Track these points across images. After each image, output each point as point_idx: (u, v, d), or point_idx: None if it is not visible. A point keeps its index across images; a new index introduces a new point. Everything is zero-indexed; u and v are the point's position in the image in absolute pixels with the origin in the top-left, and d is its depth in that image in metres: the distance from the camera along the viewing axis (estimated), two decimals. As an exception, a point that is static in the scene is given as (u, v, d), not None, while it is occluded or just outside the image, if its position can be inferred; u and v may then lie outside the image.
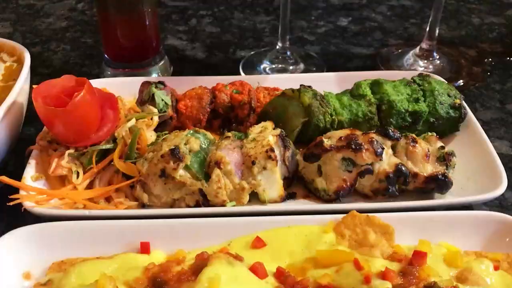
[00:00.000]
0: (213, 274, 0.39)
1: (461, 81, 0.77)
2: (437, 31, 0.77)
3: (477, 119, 0.68)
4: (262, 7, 0.98)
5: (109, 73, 0.74)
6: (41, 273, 0.46)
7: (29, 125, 0.63)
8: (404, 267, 0.43)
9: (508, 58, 0.82)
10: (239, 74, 0.80)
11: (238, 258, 0.45)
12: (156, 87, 0.61)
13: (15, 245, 0.46)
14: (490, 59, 0.83)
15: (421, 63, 0.79)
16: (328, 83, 0.67)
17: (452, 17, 0.95)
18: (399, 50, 0.83)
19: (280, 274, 0.43)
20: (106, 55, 0.74)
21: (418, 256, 0.43)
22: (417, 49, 0.80)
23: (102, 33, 0.75)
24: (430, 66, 0.79)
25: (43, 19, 0.96)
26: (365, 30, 0.92)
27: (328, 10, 0.98)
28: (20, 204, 0.51)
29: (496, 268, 0.45)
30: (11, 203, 0.50)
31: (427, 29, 0.77)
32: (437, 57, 0.79)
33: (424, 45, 0.79)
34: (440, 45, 0.84)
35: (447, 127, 0.60)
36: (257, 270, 0.42)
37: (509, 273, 0.45)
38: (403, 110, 0.59)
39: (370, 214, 0.48)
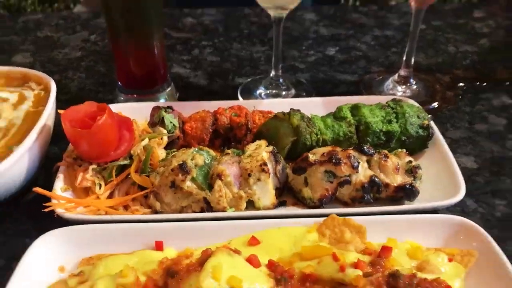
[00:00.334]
0: (216, 263, 0.47)
1: (435, 104, 0.86)
2: (413, 60, 0.86)
3: (448, 137, 0.77)
4: (258, 38, 1.08)
5: (122, 98, 0.83)
6: (73, 267, 0.54)
7: (54, 144, 0.71)
8: (373, 259, 0.51)
9: (478, 83, 0.92)
10: (237, 99, 0.89)
11: (236, 251, 0.53)
12: (165, 111, 0.70)
13: (51, 243, 0.54)
14: (462, 84, 0.93)
15: (399, 88, 0.88)
16: (315, 106, 0.76)
17: (430, 46, 1.05)
18: (380, 77, 0.93)
19: (271, 265, 0.51)
20: (119, 83, 0.83)
21: (385, 250, 0.52)
22: (396, 76, 0.89)
23: (115, 63, 0.84)
24: (408, 91, 0.88)
25: (59, 49, 1.05)
26: (351, 59, 1.01)
27: (318, 40, 1.07)
28: (52, 211, 0.59)
29: (450, 260, 0.53)
30: (46, 210, 0.58)
31: (404, 58, 0.87)
32: (414, 82, 0.88)
33: (402, 72, 0.88)
34: (418, 72, 0.93)
35: (417, 144, 0.69)
36: (252, 260, 0.50)
37: (461, 264, 0.53)
38: (378, 130, 0.68)
39: (346, 217, 0.56)
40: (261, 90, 0.86)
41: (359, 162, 0.59)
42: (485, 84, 0.90)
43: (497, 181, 0.69)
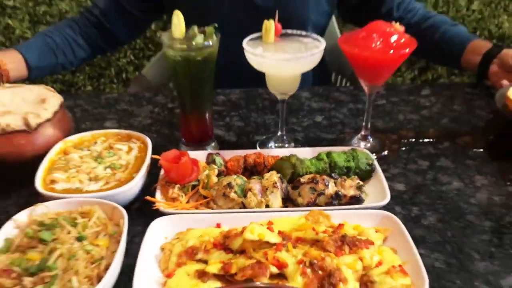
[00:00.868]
0: (251, 227, 0.88)
1: (385, 152, 1.28)
2: (369, 124, 1.30)
3: (389, 173, 1.19)
4: (269, 110, 1.49)
5: (183, 149, 1.28)
6: (173, 236, 0.94)
7: (149, 175, 1.13)
8: (334, 230, 0.92)
9: (414, 140, 1.35)
10: (256, 148, 1.32)
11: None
12: (215, 155, 1.13)
13: (159, 224, 0.93)
14: (404, 141, 1.36)
15: (362, 143, 1.30)
16: (306, 153, 1.16)
17: (386, 115, 1.49)
18: (350, 136, 1.37)
19: (279, 232, 0.91)
20: (182, 139, 1.27)
21: (340, 226, 0.89)
22: (359, 135, 1.33)
23: (181, 125, 1.28)
24: (368, 145, 1.31)
25: (135, 118, 1.50)
26: (332, 124, 1.41)
27: (310, 111, 1.51)
28: (156, 210, 1.01)
29: (376, 231, 0.93)
30: (154, 207, 1.00)
31: (363, 123, 1.31)
32: (371, 139, 1.31)
33: (363, 132, 1.32)
34: (375, 132, 1.36)
35: (365, 175, 1.08)
36: (270, 229, 0.90)
37: (382, 233, 0.93)
38: (342, 166, 1.08)
39: (321, 211, 0.98)
40: (272, 143, 1.27)
41: (329, 182, 1.02)
42: (420, 140, 1.34)
43: (415, 197, 1.10)
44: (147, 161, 1.04)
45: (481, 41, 1.55)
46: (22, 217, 0.87)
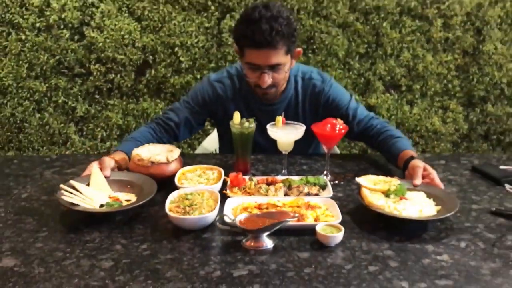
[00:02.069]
0: (270, 200, 2.01)
1: (333, 179, 2.43)
2: (328, 167, 2.46)
3: (334, 187, 2.32)
4: (278, 162, 2.72)
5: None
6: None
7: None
8: (305, 204, 2.02)
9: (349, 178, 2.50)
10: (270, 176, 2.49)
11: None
12: (251, 177, 2.29)
13: (230, 200, 2.01)
14: (342, 176, 2.50)
15: (324, 175, 2.47)
16: (296, 178, 2.35)
17: (335, 165, 2.65)
18: (320, 172, 2.53)
19: (283, 204, 2.03)
20: (236, 171, 2.44)
21: (307, 202, 2.00)
22: (324, 172, 2.49)
23: (235, 165, 2.44)
24: (328, 176, 2.46)
25: (211, 161, 2.69)
26: (311, 168, 2.62)
27: (300, 163, 2.70)
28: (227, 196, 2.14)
29: (325, 205, 2.05)
30: (226, 194, 2.13)
31: (326, 166, 2.47)
32: (329, 174, 2.47)
33: (325, 172, 2.48)
34: (332, 172, 2.53)
35: (323, 187, 2.22)
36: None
37: (327, 206, 2.04)
38: (312, 182, 2.20)
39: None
40: (280, 175, 2.46)
41: (305, 188, 2.15)
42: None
43: (346, 196, 2.19)
44: (222, 177, 2.21)
45: (408, 152, 2.02)
46: (175, 193, 2.02)
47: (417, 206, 1.69)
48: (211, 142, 3.11)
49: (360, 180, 1.87)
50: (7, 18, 3.88)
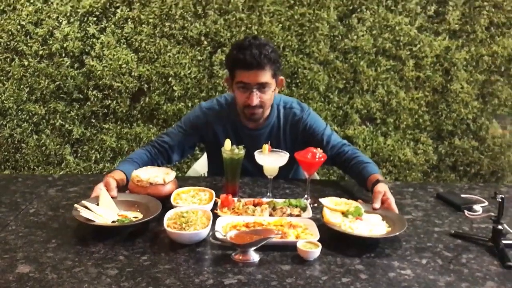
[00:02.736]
0: (256, 219, 2.20)
1: (313, 202, 2.64)
2: (309, 191, 2.68)
3: (314, 209, 2.53)
4: (263, 186, 2.92)
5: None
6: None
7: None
8: (288, 223, 2.22)
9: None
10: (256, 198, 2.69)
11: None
12: (239, 199, 2.50)
13: (220, 219, 2.21)
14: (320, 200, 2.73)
15: (305, 198, 2.68)
16: (279, 200, 2.56)
17: (315, 191, 2.87)
18: (301, 196, 2.74)
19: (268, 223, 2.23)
20: (226, 193, 2.64)
21: (290, 222, 2.22)
22: (305, 196, 2.70)
23: (225, 188, 2.65)
24: (308, 199, 2.67)
25: (203, 183, 2.88)
26: (294, 192, 2.84)
27: (283, 187, 2.91)
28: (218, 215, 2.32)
29: (304, 225, 2.25)
30: (217, 213, 2.30)
31: (307, 190, 2.69)
32: (309, 198, 2.68)
33: (306, 196, 2.69)
34: (312, 196, 2.74)
35: (303, 209, 2.40)
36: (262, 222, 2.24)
37: (306, 226, 2.25)
38: (294, 204, 2.44)
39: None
40: (265, 198, 2.65)
41: (288, 209, 2.36)
42: (332, 201, 2.70)
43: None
44: (214, 198, 2.40)
45: (375, 176, 2.18)
46: (171, 211, 2.21)
47: (369, 226, 1.86)
48: (201, 166, 3.32)
49: (323, 200, 2.07)
50: (12, 46, 4.04)
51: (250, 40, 2.27)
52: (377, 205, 2.02)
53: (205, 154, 2.85)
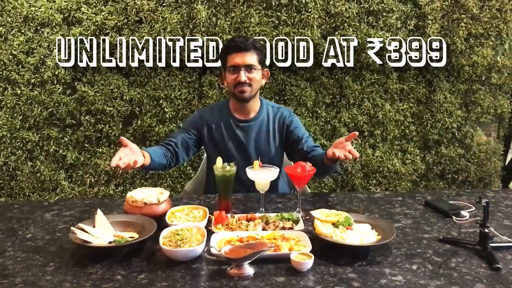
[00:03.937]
0: (250, 233, 2.22)
1: (304, 215, 2.67)
2: (300, 204, 2.71)
3: (305, 221, 2.56)
4: (255, 201, 2.95)
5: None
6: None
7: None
8: (281, 236, 2.26)
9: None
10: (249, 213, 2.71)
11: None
12: (233, 215, 2.52)
13: (215, 235, 2.27)
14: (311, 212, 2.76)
15: (297, 212, 2.71)
16: (272, 214, 2.59)
17: (306, 204, 2.90)
18: (293, 209, 2.77)
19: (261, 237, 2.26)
20: (219, 210, 2.66)
21: (283, 235, 2.26)
22: (297, 209, 2.73)
23: (218, 204, 2.67)
24: (300, 213, 2.71)
25: (198, 201, 2.90)
26: (285, 206, 2.86)
27: (276, 202, 2.94)
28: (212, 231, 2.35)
29: (296, 237, 2.28)
30: (211, 230, 2.32)
31: (299, 203, 2.72)
32: (301, 211, 2.71)
33: (298, 209, 2.73)
34: (303, 210, 2.77)
35: (296, 222, 2.46)
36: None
37: (299, 238, 2.27)
38: (286, 217, 2.47)
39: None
40: (258, 213, 2.68)
41: (280, 223, 2.39)
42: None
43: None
44: (207, 215, 2.43)
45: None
46: (167, 230, 2.23)
47: (360, 235, 1.90)
48: (194, 184, 3.34)
49: (313, 213, 2.12)
50: (4, 75, 4.13)
51: (238, 37, 2.97)
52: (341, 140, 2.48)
53: (197, 173, 2.93)
